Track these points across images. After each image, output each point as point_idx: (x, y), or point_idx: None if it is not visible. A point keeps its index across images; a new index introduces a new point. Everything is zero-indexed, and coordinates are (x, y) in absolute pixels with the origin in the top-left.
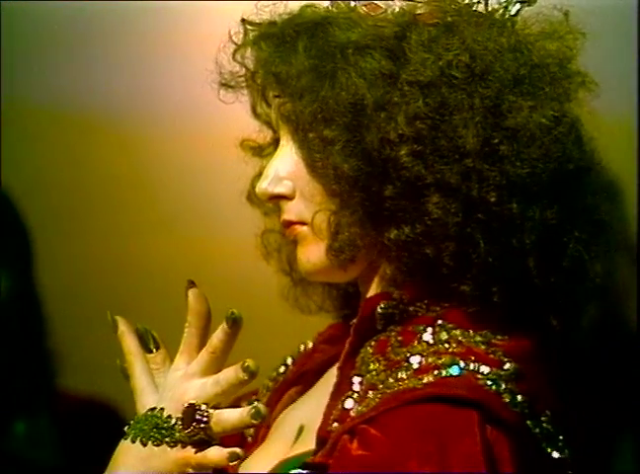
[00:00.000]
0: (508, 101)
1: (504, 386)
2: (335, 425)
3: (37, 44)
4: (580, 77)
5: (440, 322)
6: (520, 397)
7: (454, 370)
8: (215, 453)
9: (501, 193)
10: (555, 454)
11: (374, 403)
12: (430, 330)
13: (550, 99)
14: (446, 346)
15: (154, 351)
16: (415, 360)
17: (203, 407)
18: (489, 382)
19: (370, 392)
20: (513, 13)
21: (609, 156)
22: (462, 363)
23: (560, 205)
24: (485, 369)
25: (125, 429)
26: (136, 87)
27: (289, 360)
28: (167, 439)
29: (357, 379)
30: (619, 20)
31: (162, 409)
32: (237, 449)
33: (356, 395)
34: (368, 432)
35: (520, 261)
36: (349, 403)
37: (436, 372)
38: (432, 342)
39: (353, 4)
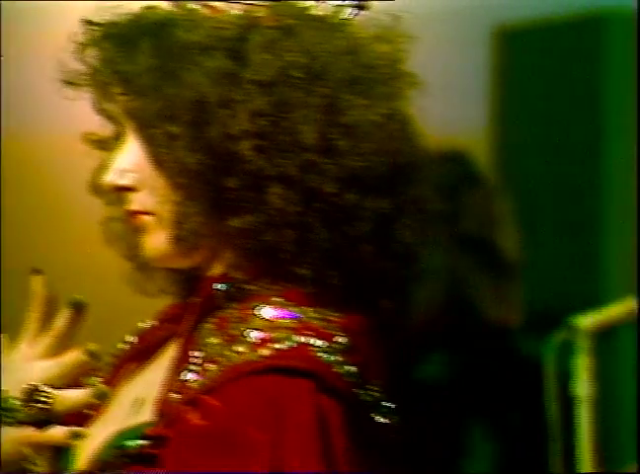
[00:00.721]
0: (344, 99)
1: (336, 358)
2: (174, 396)
3: None
4: (409, 77)
5: (278, 300)
6: (351, 368)
7: (290, 343)
8: (56, 432)
9: (338, 184)
10: (382, 420)
11: (214, 375)
12: (267, 307)
13: (383, 97)
14: (283, 321)
15: None
16: (253, 335)
17: (45, 388)
18: (323, 354)
19: (210, 365)
20: (346, 17)
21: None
22: (298, 337)
23: (393, 196)
24: (319, 342)
25: None
26: None
27: (130, 338)
28: (9, 420)
29: (196, 353)
30: (450, 25)
31: (3, 390)
32: (78, 428)
33: (195, 368)
34: (208, 402)
35: (356, 247)
36: (188, 375)
37: (272, 345)
38: (269, 318)
39: (193, 6)
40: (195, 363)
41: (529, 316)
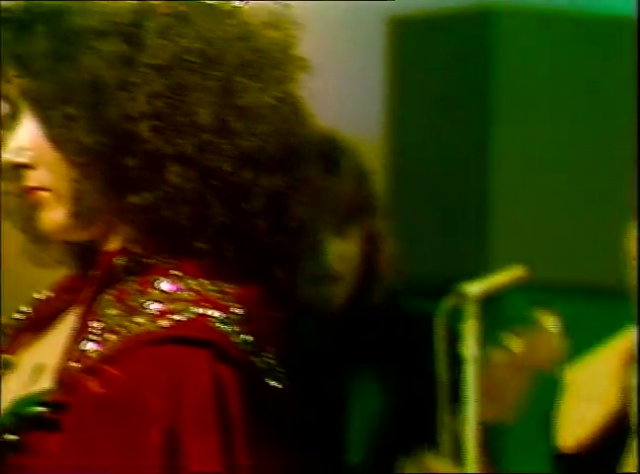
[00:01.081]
0: (238, 83)
1: (233, 328)
2: (74, 365)
3: None
4: (300, 61)
5: (175, 273)
6: (247, 337)
7: (189, 315)
8: None
9: (234, 163)
10: (275, 384)
11: (114, 345)
12: (166, 280)
13: (275, 81)
14: (182, 294)
15: None
16: (153, 307)
17: None
18: (220, 325)
19: (110, 335)
20: (237, 4)
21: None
22: (196, 309)
23: (286, 174)
24: (216, 314)
25: None
26: None
27: (25, 308)
28: None
29: (96, 324)
30: (345, 15)
31: None
32: None
33: (95, 338)
34: (108, 371)
35: (251, 222)
36: (87, 345)
37: (172, 317)
38: (168, 290)
39: None
40: (94, 334)
41: (425, 284)
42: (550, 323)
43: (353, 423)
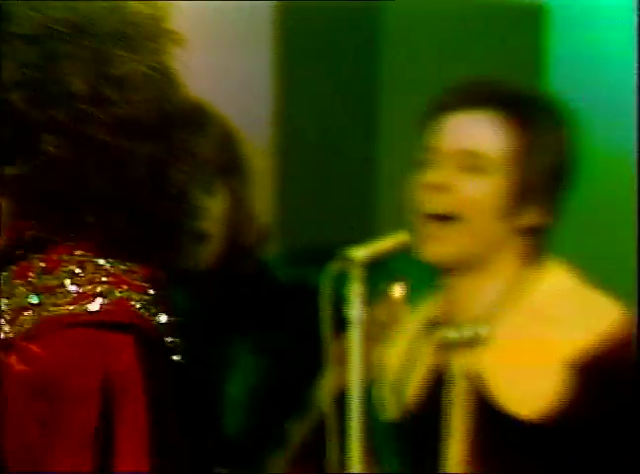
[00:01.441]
0: (112, 53)
1: (150, 309)
2: None
3: None
4: (173, 35)
5: (80, 252)
6: (161, 318)
7: (111, 298)
8: None
9: (109, 131)
10: (180, 360)
11: (32, 324)
12: (74, 259)
13: (149, 52)
14: (99, 275)
15: None
16: (72, 288)
17: None
18: (139, 307)
19: (25, 313)
20: None
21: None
22: (115, 291)
23: (162, 141)
24: (135, 296)
25: None
26: None
27: None
28: None
29: (2, 301)
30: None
31: None
32: None
33: (5, 316)
34: (29, 348)
35: (133, 190)
36: None
37: (94, 299)
38: (82, 271)
39: None
40: (4, 311)
41: (313, 251)
42: (397, 292)
43: (229, 394)
